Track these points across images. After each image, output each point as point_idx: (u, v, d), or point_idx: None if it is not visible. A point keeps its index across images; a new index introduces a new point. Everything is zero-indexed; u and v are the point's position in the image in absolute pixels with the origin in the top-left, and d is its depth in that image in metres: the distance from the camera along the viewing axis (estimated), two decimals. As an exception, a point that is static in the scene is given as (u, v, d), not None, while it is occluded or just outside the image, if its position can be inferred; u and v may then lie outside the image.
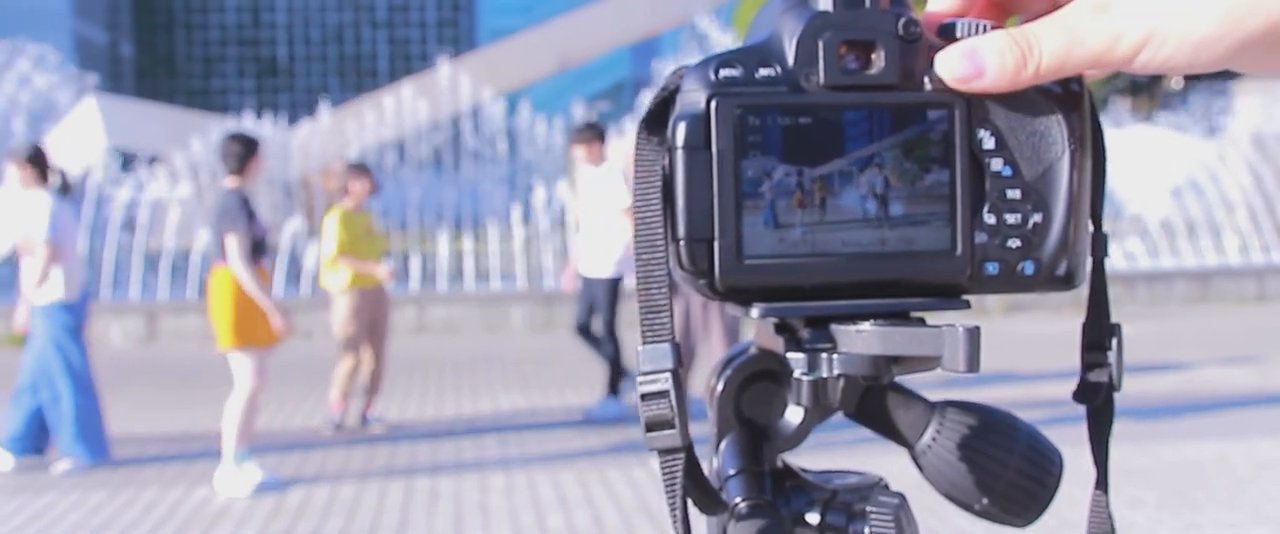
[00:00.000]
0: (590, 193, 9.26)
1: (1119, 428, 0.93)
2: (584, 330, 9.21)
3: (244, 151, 7.40)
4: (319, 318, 13.86)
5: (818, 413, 0.91)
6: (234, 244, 7.12)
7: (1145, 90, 41.64)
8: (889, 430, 0.92)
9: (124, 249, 16.56)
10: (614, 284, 9.08)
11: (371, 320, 8.93)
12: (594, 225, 9.18)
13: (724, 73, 0.82)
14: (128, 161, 20.07)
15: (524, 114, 23.19)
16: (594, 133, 9.32)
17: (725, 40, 24.45)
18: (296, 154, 22.27)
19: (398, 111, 23.12)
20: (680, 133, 0.81)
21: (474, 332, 14.67)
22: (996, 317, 14.43)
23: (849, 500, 0.92)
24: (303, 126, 24.02)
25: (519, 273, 16.84)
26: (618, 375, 9.05)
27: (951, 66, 0.81)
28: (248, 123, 22.02)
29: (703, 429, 0.96)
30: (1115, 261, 16.96)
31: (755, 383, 0.94)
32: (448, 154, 23.51)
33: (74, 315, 7.78)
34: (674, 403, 0.81)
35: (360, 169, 9.30)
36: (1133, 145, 19.92)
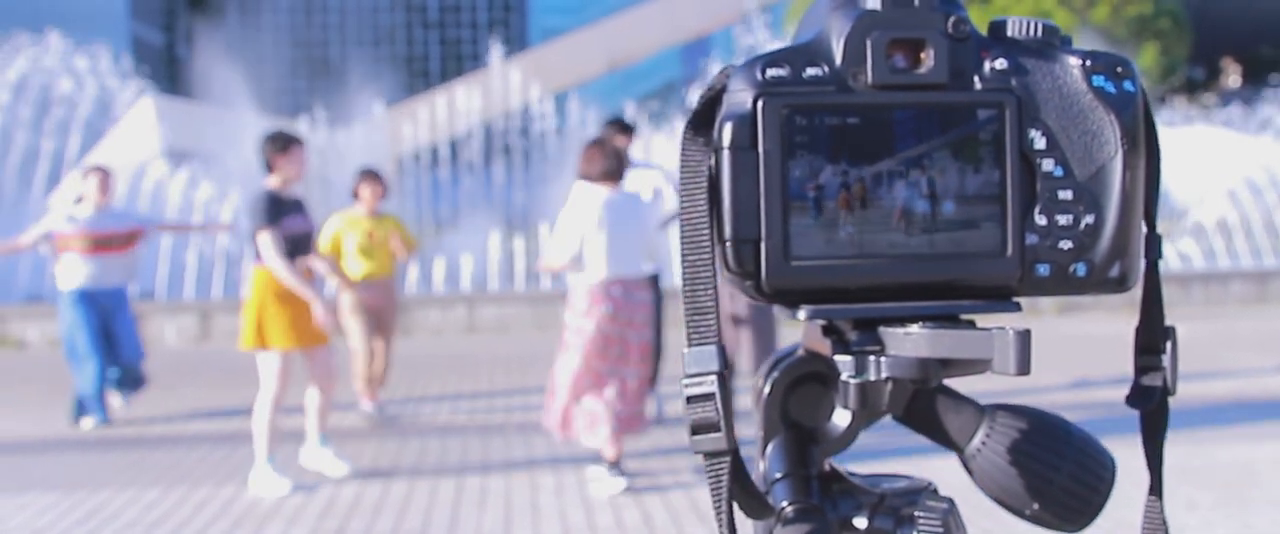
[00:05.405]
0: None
1: (1174, 429, 0.91)
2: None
3: (272, 149, 7.36)
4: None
5: (866, 416, 0.90)
6: (266, 241, 7.12)
7: (1202, 88, 41.16)
8: (938, 434, 0.91)
9: (178, 248, 16.72)
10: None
11: (372, 315, 9.19)
12: None
13: (771, 72, 0.81)
14: (183, 162, 20.21)
15: (574, 113, 23.22)
16: (623, 129, 8.70)
17: (777, 42, 24.37)
18: (351, 153, 22.42)
19: (450, 111, 23.22)
20: (727, 133, 0.81)
21: (524, 330, 14.69)
22: (1051, 316, 14.29)
23: (897, 505, 0.91)
24: (356, 126, 24.17)
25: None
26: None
27: None
28: (301, 123, 22.17)
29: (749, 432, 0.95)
30: (1171, 262, 16.76)
31: (803, 385, 0.92)
32: (499, 153, 23.58)
33: None
34: (719, 406, 0.80)
35: (370, 175, 9.30)
36: (1190, 145, 19.67)
